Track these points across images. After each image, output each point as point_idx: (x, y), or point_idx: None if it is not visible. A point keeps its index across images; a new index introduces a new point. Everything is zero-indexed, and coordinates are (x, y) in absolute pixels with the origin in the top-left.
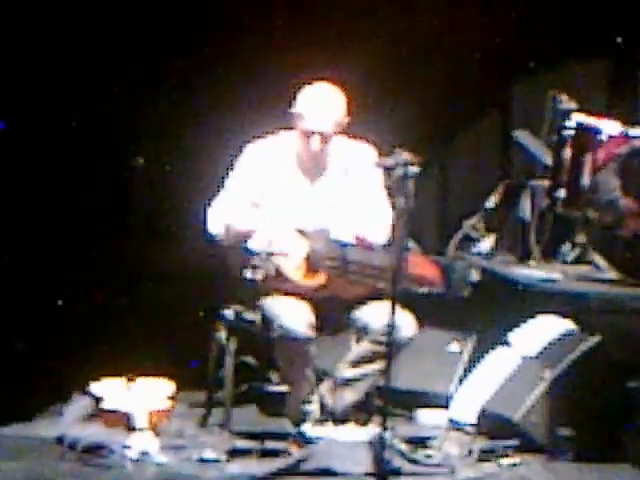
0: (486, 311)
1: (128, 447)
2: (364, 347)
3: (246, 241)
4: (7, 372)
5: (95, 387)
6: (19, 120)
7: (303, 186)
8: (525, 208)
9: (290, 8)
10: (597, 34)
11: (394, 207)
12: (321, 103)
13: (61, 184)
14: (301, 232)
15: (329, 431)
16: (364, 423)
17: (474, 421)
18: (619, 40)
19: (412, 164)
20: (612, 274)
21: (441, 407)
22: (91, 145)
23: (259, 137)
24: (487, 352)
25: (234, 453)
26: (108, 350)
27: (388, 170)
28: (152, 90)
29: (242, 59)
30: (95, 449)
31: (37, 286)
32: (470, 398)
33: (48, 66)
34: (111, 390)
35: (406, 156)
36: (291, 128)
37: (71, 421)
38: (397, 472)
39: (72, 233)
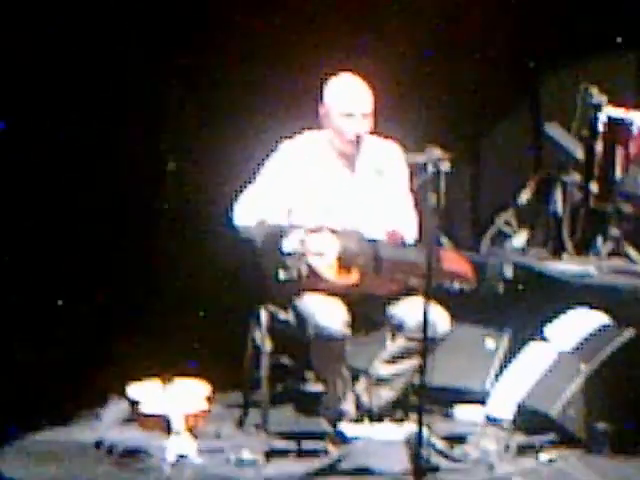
0: (521, 306)
1: (166, 450)
2: (399, 344)
3: (279, 240)
4: (45, 377)
5: (132, 390)
6: (49, 123)
7: (335, 184)
8: (558, 202)
9: (316, 6)
10: (628, 26)
11: (426, 204)
12: (352, 87)
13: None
14: (333, 231)
15: (366, 430)
16: (401, 421)
17: (511, 417)
18: None
19: (443, 161)
20: None
21: (478, 403)
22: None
23: (290, 136)
24: (522, 347)
25: (271, 454)
26: (145, 352)
27: (420, 167)
28: (179, 89)
29: (269, 59)
30: (133, 452)
31: (73, 290)
32: (507, 394)
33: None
34: (148, 393)
35: (437, 153)
36: (320, 128)
37: (109, 425)
38: (435, 469)
39: (104, 235)
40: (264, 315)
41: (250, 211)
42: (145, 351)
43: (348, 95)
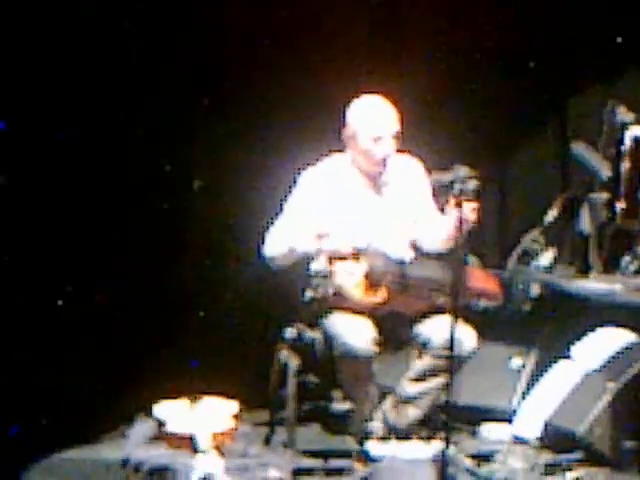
0: (547, 325)
1: (193, 468)
2: (426, 363)
3: (308, 262)
4: (72, 395)
5: (159, 409)
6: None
7: (361, 204)
8: (584, 221)
9: (337, 27)
10: None
11: (453, 222)
12: (380, 109)
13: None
14: (360, 250)
15: (393, 448)
16: (427, 439)
17: (538, 435)
18: None
19: (470, 179)
20: None
21: (504, 422)
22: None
23: (312, 163)
24: (549, 366)
25: (298, 472)
26: (172, 371)
27: (446, 186)
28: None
29: (293, 82)
30: (159, 471)
31: (101, 309)
32: (533, 412)
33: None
34: (175, 412)
35: (464, 171)
36: (343, 150)
37: (136, 443)
38: None
39: (134, 253)
40: (291, 334)
41: (280, 243)
42: (172, 370)
43: (376, 117)
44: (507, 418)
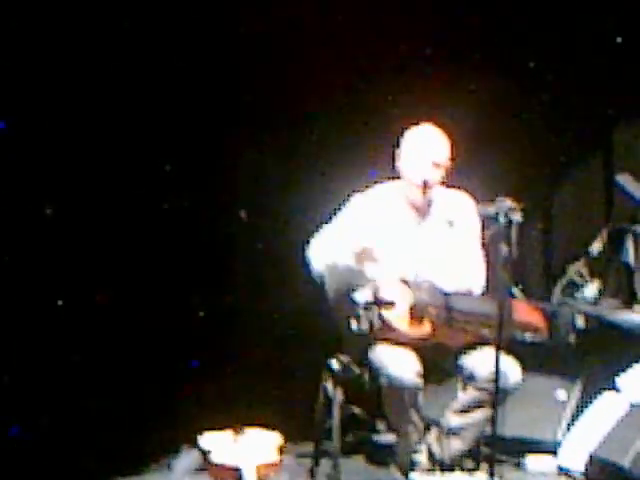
0: (593, 356)
1: None
2: (470, 395)
3: (351, 291)
4: (118, 426)
5: (204, 440)
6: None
7: (407, 235)
8: (629, 252)
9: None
10: None
11: (497, 255)
12: (426, 136)
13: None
14: (405, 281)
15: None
16: (472, 471)
17: (583, 467)
18: None
19: (515, 211)
20: None
21: (549, 453)
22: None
23: (365, 188)
24: (595, 397)
25: None
26: (217, 402)
27: (491, 218)
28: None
29: (345, 106)
30: None
31: (150, 341)
32: (579, 444)
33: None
34: (219, 443)
35: (509, 203)
36: (398, 177)
37: (180, 474)
38: None
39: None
40: (336, 365)
41: (325, 250)
42: (217, 401)
43: (421, 143)
44: (552, 450)
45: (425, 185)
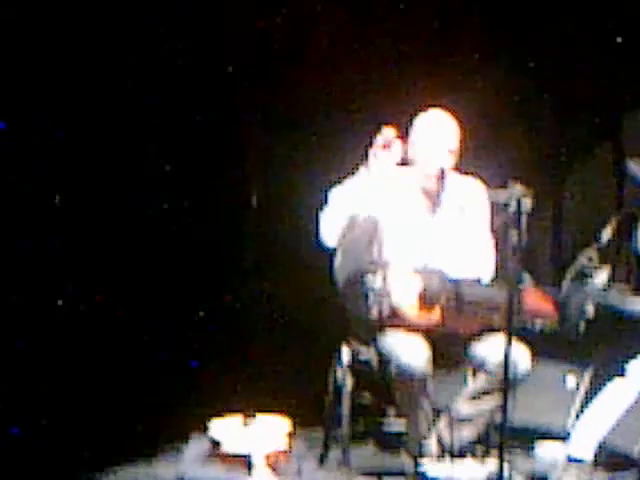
0: (602, 344)
1: None
2: (480, 383)
3: (362, 276)
4: (127, 413)
5: (213, 428)
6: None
7: (419, 222)
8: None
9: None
10: None
11: (508, 242)
12: (438, 122)
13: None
14: (416, 269)
15: (447, 468)
16: (482, 459)
17: (593, 455)
18: None
19: (526, 198)
20: None
21: (560, 441)
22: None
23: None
24: (604, 385)
25: None
26: (225, 388)
27: (501, 204)
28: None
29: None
30: None
31: (156, 329)
32: (588, 432)
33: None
34: (229, 430)
35: (520, 189)
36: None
37: (191, 462)
38: None
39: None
40: (345, 352)
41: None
42: (227, 388)
43: (434, 130)
44: (562, 437)
45: (442, 173)
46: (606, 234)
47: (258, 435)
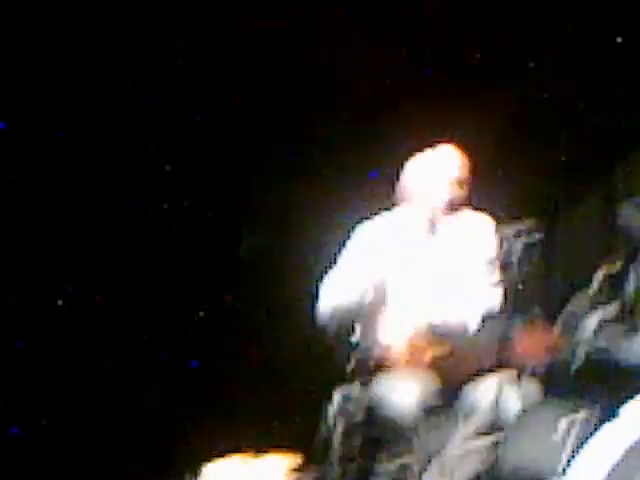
0: (596, 386)
1: None
2: (472, 426)
3: (353, 324)
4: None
5: (209, 469)
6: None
7: (419, 260)
8: (630, 285)
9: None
10: None
11: (513, 276)
12: (447, 156)
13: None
14: (406, 315)
15: None
16: None
17: None
18: None
19: (533, 232)
20: None
21: None
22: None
23: (370, 217)
24: (598, 429)
25: None
26: (223, 430)
27: (508, 239)
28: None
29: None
30: None
31: (152, 367)
32: (582, 475)
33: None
34: (225, 472)
35: (527, 224)
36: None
37: None
38: None
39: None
40: (336, 396)
41: (331, 297)
42: (223, 428)
43: (442, 161)
44: None
45: (451, 204)
46: (598, 277)
47: (255, 475)
